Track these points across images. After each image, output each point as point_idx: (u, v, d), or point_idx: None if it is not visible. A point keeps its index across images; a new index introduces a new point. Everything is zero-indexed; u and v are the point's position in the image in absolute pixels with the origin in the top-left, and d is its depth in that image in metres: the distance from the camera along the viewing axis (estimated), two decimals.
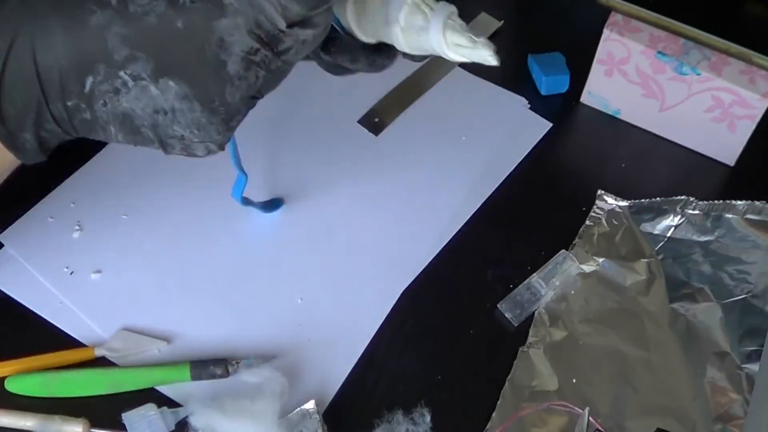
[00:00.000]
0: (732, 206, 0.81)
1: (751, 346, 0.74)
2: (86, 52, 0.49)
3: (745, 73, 0.81)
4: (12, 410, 0.66)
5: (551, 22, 0.97)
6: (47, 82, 0.50)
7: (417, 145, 0.85)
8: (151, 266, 0.75)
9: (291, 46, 0.53)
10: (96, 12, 0.48)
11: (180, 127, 0.53)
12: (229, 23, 0.49)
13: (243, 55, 0.51)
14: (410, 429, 0.68)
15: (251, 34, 0.50)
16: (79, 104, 0.51)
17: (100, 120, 0.52)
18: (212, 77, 0.51)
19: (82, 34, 0.49)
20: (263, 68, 0.52)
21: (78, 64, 0.49)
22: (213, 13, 0.49)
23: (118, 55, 0.49)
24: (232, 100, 0.52)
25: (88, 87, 0.50)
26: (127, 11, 0.48)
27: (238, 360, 0.69)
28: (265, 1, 0.50)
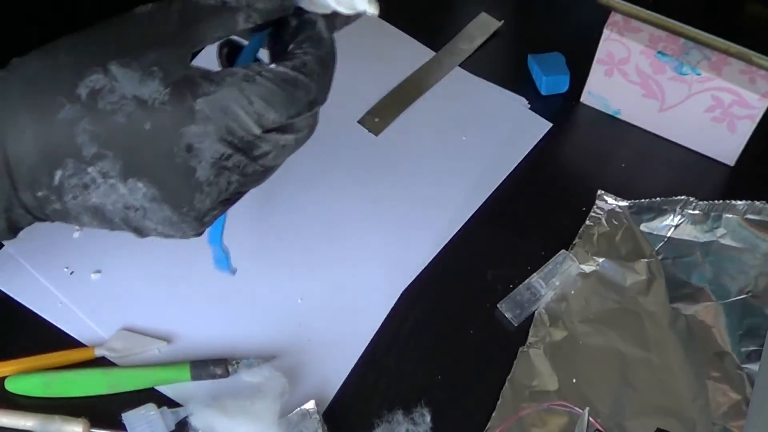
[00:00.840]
0: (732, 206, 0.81)
1: (751, 346, 0.74)
2: (55, 146, 0.48)
3: (745, 73, 0.81)
4: (12, 410, 0.66)
5: (551, 22, 0.97)
6: (16, 173, 0.49)
7: (417, 145, 0.85)
8: (151, 266, 0.75)
9: (269, 151, 0.52)
10: (65, 106, 0.47)
11: (152, 223, 0.51)
12: (199, 130, 0.48)
13: (213, 161, 0.49)
14: (410, 429, 0.68)
15: (222, 142, 0.49)
16: (48, 196, 0.50)
17: (72, 211, 0.51)
18: (181, 183, 0.49)
19: (51, 127, 0.48)
20: (236, 173, 0.51)
21: (47, 158, 0.48)
22: (182, 118, 0.48)
23: (87, 151, 0.48)
24: (201, 206, 0.51)
25: (57, 180, 0.49)
26: (96, 107, 0.47)
27: (238, 360, 0.69)
28: (239, 108, 0.49)
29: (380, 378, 0.72)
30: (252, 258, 0.77)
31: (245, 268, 0.76)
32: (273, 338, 0.72)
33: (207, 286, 0.75)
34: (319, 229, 0.79)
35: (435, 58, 0.92)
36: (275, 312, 0.74)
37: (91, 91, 0.47)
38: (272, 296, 0.75)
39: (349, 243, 0.78)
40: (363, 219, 0.80)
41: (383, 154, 0.85)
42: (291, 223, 0.79)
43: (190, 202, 0.51)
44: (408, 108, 0.88)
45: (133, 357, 0.70)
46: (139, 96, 0.47)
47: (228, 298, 0.74)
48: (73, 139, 0.48)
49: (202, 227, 0.54)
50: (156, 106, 0.48)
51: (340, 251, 0.78)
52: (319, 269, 0.77)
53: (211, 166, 0.50)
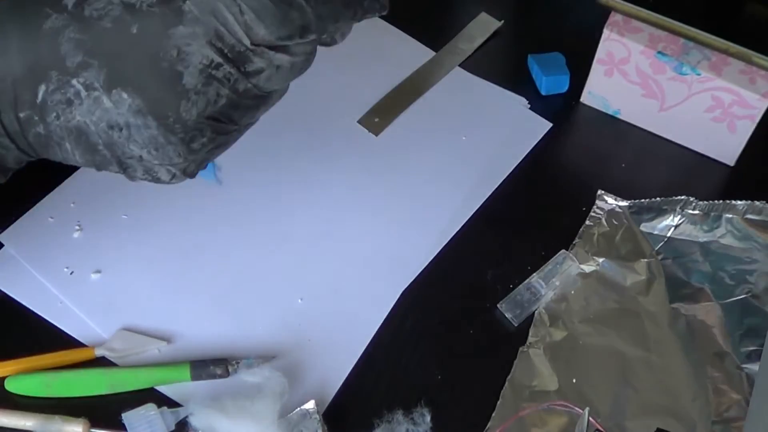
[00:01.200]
0: (732, 206, 0.81)
1: (751, 346, 0.74)
2: (40, 58, 0.46)
3: (745, 73, 0.81)
4: (12, 410, 0.66)
5: (551, 22, 0.97)
6: (0, 90, 0.47)
7: (417, 146, 0.85)
8: (151, 266, 0.75)
9: (262, 68, 0.49)
10: (51, 16, 0.46)
11: (137, 147, 0.49)
12: (187, 31, 0.46)
13: (201, 68, 0.47)
14: (410, 429, 0.68)
15: (211, 46, 0.47)
16: (32, 116, 0.48)
17: (55, 135, 0.49)
18: (167, 89, 0.47)
19: (35, 38, 0.46)
20: (226, 87, 0.49)
21: (31, 71, 0.47)
22: (170, 19, 0.46)
23: (71, 61, 0.46)
24: (188, 116, 0.48)
25: (41, 96, 0.47)
26: (82, 15, 0.46)
27: (238, 360, 0.69)
28: (229, 13, 0.46)
29: (380, 378, 0.72)
30: (252, 258, 0.77)
31: (245, 268, 0.76)
32: (273, 338, 0.72)
33: (207, 286, 0.75)
34: (320, 229, 0.79)
35: (435, 58, 0.92)
36: (275, 312, 0.74)
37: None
38: (272, 296, 0.75)
39: (349, 243, 0.78)
40: (363, 219, 0.80)
41: (383, 154, 0.85)
42: (291, 223, 0.79)
43: (176, 110, 0.48)
44: (408, 108, 0.88)
45: (133, 357, 0.70)
46: (126, 0, 0.46)
47: (228, 298, 0.74)
48: (57, 49, 0.46)
49: (191, 156, 0.51)
50: (144, 9, 0.46)
51: (341, 251, 0.78)
52: (319, 269, 0.77)
53: (199, 73, 0.47)
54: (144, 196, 0.79)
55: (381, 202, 0.81)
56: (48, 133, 0.48)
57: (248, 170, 0.71)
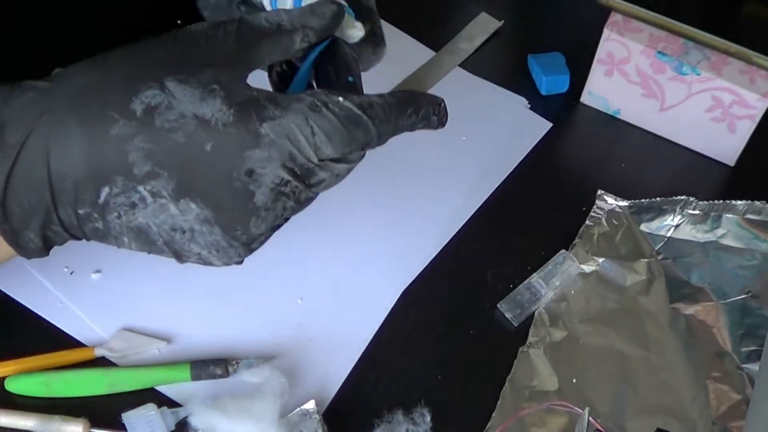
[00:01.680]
0: (732, 206, 0.80)
1: (751, 346, 0.74)
2: (104, 163, 0.45)
3: (745, 73, 0.81)
4: (12, 410, 0.66)
5: (551, 22, 0.97)
6: (58, 188, 0.46)
7: (417, 145, 0.85)
8: (151, 266, 0.75)
9: (324, 179, 0.51)
10: (119, 122, 0.45)
11: (198, 247, 0.49)
12: (263, 155, 0.47)
13: (272, 187, 0.48)
14: (410, 429, 0.68)
15: (284, 168, 0.48)
16: (91, 213, 0.47)
17: (113, 231, 0.48)
18: (238, 206, 0.48)
19: (101, 143, 0.45)
20: (292, 199, 0.50)
21: (94, 174, 0.46)
22: (246, 142, 0.46)
23: (139, 169, 0.46)
24: (257, 231, 0.50)
25: (103, 198, 0.47)
26: (153, 125, 0.45)
27: (238, 360, 0.69)
28: (301, 135, 0.47)
29: (380, 378, 0.72)
30: (252, 258, 0.76)
31: (245, 268, 0.76)
32: (273, 338, 0.72)
33: (207, 287, 0.75)
34: (319, 229, 0.79)
35: (435, 58, 0.92)
36: (275, 312, 0.74)
37: (147, 107, 0.45)
38: (272, 296, 0.75)
39: (349, 242, 0.78)
40: (363, 218, 0.80)
41: (383, 154, 0.84)
42: (290, 223, 0.79)
43: (245, 225, 0.49)
44: None
45: (133, 357, 0.70)
46: (200, 115, 0.45)
47: (228, 298, 0.74)
48: (124, 156, 0.45)
49: (249, 253, 0.52)
50: (219, 127, 0.46)
51: (340, 251, 0.78)
52: (319, 269, 0.77)
53: (270, 191, 0.48)
54: None
55: (381, 201, 0.81)
56: (106, 228, 0.48)
57: None
